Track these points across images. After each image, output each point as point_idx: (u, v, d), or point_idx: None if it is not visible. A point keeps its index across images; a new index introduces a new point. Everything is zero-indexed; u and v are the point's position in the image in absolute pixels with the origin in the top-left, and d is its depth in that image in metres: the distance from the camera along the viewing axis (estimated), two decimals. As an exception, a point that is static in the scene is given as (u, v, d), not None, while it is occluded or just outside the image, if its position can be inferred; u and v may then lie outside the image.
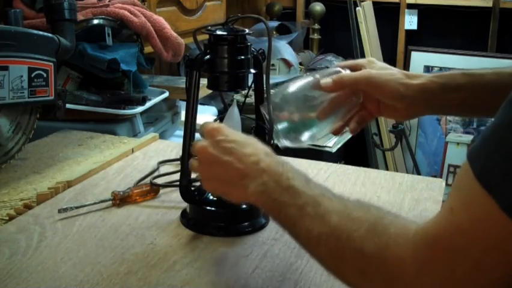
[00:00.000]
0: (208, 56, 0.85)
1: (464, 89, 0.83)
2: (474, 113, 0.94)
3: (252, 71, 0.88)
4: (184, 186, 0.89)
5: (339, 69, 0.88)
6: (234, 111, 0.87)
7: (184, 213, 0.92)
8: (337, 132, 0.91)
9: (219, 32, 0.86)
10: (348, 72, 0.87)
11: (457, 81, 0.83)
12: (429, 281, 0.50)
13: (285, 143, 0.82)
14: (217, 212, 0.89)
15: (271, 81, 0.89)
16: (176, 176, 1.06)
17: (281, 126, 0.82)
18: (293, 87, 0.84)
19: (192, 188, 0.90)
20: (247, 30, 0.87)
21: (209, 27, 0.87)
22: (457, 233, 0.48)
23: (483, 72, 0.83)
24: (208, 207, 0.89)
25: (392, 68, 0.89)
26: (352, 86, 0.85)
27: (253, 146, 0.69)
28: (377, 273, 0.54)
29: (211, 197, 0.89)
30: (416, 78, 0.85)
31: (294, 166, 0.67)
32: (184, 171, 0.88)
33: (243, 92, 0.96)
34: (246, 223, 0.88)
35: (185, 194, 0.89)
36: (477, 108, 0.86)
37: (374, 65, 0.88)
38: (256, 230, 0.88)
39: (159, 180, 1.03)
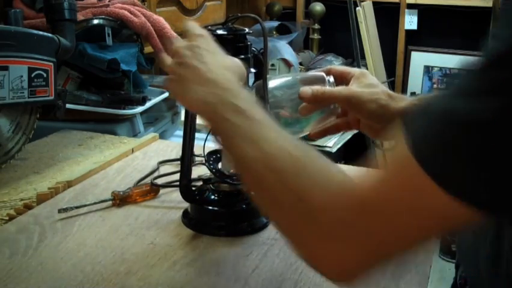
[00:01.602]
0: None
1: None
2: None
3: (252, 70, 0.88)
4: (184, 185, 0.89)
5: (322, 74, 0.86)
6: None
7: (185, 213, 0.92)
8: (315, 135, 0.91)
9: (219, 32, 0.86)
10: (331, 79, 0.86)
11: None
12: (339, 227, 0.51)
13: None
14: (218, 211, 0.89)
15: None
16: (176, 176, 1.06)
17: None
18: (273, 83, 0.84)
19: (193, 188, 0.90)
20: (247, 30, 0.87)
21: (209, 27, 0.87)
22: (377, 191, 0.50)
23: None
24: (209, 207, 0.89)
25: (379, 85, 0.86)
26: (330, 101, 0.85)
27: (222, 61, 0.69)
28: (292, 209, 0.54)
29: (212, 197, 0.89)
30: (398, 101, 0.83)
31: (248, 91, 0.68)
32: (184, 171, 0.88)
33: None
34: (247, 223, 0.89)
35: (186, 194, 0.89)
36: None
37: (363, 80, 0.86)
38: (257, 230, 0.88)
39: (159, 180, 1.03)
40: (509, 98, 0.42)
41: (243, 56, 0.83)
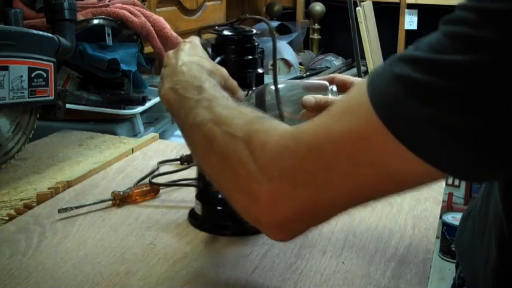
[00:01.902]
0: (219, 58, 0.84)
1: None
2: None
3: (260, 70, 0.88)
4: (201, 187, 0.89)
5: (325, 83, 0.86)
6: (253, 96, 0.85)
7: (192, 212, 0.92)
8: None
9: (226, 32, 0.86)
10: (334, 88, 0.86)
11: None
12: (277, 167, 0.51)
13: None
14: (225, 211, 0.87)
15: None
16: (177, 176, 1.07)
17: None
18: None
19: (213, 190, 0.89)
20: (254, 31, 0.87)
21: (216, 28, 0.87)
22: (321, 133, 0.50)
23: None
24: (216, 207, 0.89)
25: None
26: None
27: (193, 56, 0.73)
28: (236, 154, 0.55)
29: (219, 196, 0.88)
30: None
31: (214, 79, 0.70)
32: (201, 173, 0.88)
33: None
34: None
35: (203, 196, 0.89)
36: None
37: None
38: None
39: (159, 180, 1.03)
40: (475, 55, 0.43)
41: (219, 58, 0.84)
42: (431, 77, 0.44)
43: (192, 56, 0.73)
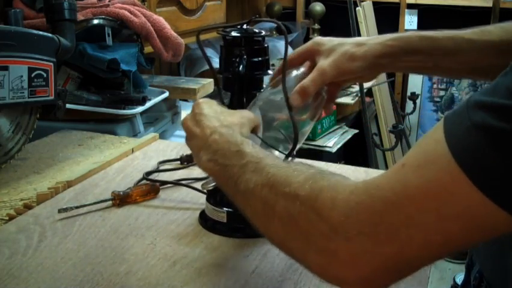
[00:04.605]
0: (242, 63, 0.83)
1: (420, 52, 0.81)
2: (429, 73, 0.94)
3: (270, 72, 0.88)
4: (212, 190, 0.87)
5: (302, 70, 0.85)
6: (254, 110, 0.83)
7: (202, 213, 0.92)
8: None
9: (236, 34, 0.85)
10: (303, 71, 0.84)
11: (413, 44, 0.81)
12: (353, 225, 0.48)
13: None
14: (235, 213, 0.86)
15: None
16: (177, 176, 1.07)
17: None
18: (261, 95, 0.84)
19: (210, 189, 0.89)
20: (264, 32, 0.87)
21: (224, 30, 0.87)
22: (400, 187, 0.47)
23: (439, 37, 0.81)
24: (225, 209, 0.87)
25: (341, 43, 0.84)
26: (317, 88, 0.83)
27: (217, 118, 0.71)
28: (304, 215, 0.52)
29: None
30: (369, 44, 0.82)
31: (246, 137, 0.69)
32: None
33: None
34: None
35: (212, 198, 0.89)
36: (432, 71, 0.86)
37: (321, 48, 0.84)
38: None
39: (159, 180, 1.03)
40: None
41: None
42: None
43: (215, 120, 0.71)
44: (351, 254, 0.49)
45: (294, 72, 0.85)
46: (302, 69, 0.85)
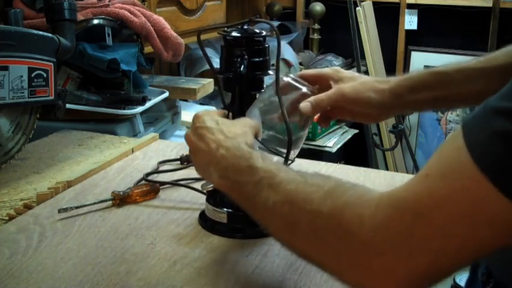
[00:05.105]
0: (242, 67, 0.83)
1: (431, 88, 0.84)
2: (441, 107, 0.96)
3: (271, 72, 0.88)
4: (212, 190, 0.88)
5: (304, 88, 0.86)
6: (255, 112, 0.83)
7: (202, 214, 0.91)
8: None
9: (236, 34, 0.85)
10: (303, 86, 0.87)
11: (423, 82, 0.85)
12: (384, 240, 0.49)
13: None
14: (235, 214, 0.86)
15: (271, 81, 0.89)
16: (177, 176, 1.07)
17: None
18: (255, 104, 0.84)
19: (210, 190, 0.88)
20: (264, 32, 0.87)
21: (224, 29, 0.87)
22: (427, 198, 0.47)
23: (448, 71, 0.84)
24: (225, 209, 0.87)
25: (361, 76, 0.89)
26: (329, 105, 0.86)
27: (220, 131, 0.71)
28: (331, 232, 0.52)
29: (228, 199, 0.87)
30: (386, 83, 0.86)
31: (251, 147, 0.69)
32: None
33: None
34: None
35: (212, 198, 0.89)
36: (444, 103, 0.89)
37: (342, 75, 0.88)
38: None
39: (159, 180, 1.03)
40: None
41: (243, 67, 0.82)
42: None
43: (218, 132, 0.71)
44: (385, 267, 0.49)
45: (304, 89, 0.86)
46: (311, 88, 0.87)
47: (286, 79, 0.87)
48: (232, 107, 0.83)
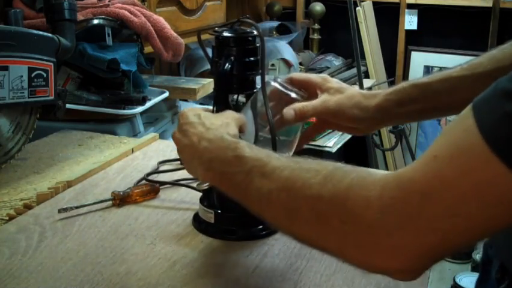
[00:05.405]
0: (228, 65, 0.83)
1: (418, 101, 0.84)
2: (431, 117, 0.96)
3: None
4: (206, 191, 0.88)
5: (293, 94, 0.85)
6: (247, 113, 0.83)
7: (196, 216, 0.91)
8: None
9: (227, 34, 0.85)
10: (291, 92, 0.86)
11: (409, 95, 0.84)
12: (392, 220, 0.49)
13: None
14: (229, 216, 0.86)
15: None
16: (177, 176, 1.07)
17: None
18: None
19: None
20: (255, 32, 0.87)
21: (216, 29, 0.87)
22: (435, 179, 0.48)
23: (431, 82, 0.83)
24: (219, 211, 0.87)
25: (348, 88, 0.87)
26: (314, 115, 0.85)
27: (201, 124, 0.71)
28: (335, 216, 0.52)
29: (222, 201, 0.87)
30: (372, 98, 0.85)
31: (235, 136, 0.69)
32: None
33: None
34: (258, 227, 0.86)
35: (207, 199, 0.89)
36: (433, 114, 0.89)
37: (329, 85, 0.87)
38: (270, 233, 0.86)
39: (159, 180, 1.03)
40: None
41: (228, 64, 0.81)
42: None
43: (200, 126, 0.71)
44: (393, 247, 0.50)
45: (292, 94, 0.86)
46: (300, 93, 0.86)
47: (274, 84, 0.86)
48: (218, 106, 0.83)
